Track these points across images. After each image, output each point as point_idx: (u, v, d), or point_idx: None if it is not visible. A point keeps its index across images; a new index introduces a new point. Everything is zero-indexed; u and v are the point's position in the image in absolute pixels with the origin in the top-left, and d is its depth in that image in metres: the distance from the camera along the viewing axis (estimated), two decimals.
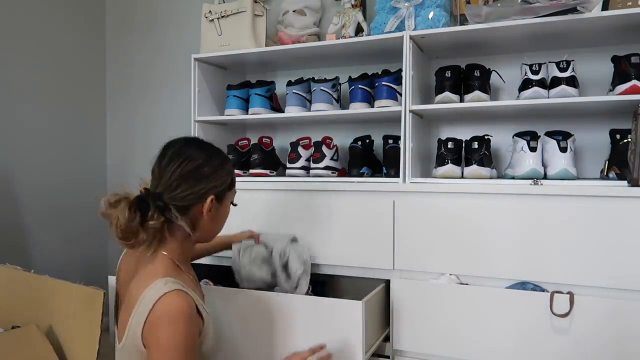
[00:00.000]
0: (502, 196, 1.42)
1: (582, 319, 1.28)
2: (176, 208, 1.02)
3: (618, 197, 1.30)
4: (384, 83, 1.70)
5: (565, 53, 1.56)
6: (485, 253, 1.43)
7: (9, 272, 1.58)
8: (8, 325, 1.46)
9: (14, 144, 2.21)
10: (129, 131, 2.60)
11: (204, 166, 1.05)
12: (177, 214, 1.02)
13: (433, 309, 1.43)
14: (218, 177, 1.06)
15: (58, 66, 2.41)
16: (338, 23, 1.85)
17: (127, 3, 2.62)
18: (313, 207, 1.63)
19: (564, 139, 1.49)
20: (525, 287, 1.38)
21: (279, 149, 2.05)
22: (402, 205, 1.52)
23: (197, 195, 1.04)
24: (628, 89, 1.40)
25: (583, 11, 1.40)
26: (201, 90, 1.95)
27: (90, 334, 1.33)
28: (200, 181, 1.04)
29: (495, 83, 1.74)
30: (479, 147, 1.58)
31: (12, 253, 2.14)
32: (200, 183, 1.04)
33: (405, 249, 1.52)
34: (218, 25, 1.95)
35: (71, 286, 1.44)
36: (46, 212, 2.35)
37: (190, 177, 1.03)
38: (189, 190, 1.03)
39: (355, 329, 1.25)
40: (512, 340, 1.34)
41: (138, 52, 2.59)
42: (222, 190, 1.08)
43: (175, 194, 1.02)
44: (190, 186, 1.03)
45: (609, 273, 1.30)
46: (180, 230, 1.05)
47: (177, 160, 1.03)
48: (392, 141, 1.78)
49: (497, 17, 1.48)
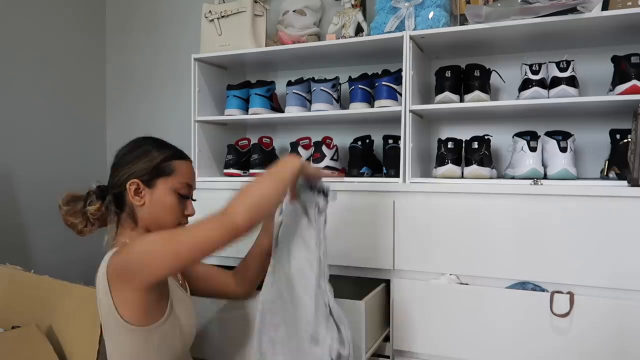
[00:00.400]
0: (502, 196, 1.42)
1: (582, 318, 1.28)
2: (112, 196, 1.13)
3: (618, 197, 1.30)
4: (384, 83, 1.70)
5: (565, 53, 1.56)
6: (485, 253, 1.43)
7: (9, 272, 1.59)
8: (8, 325, 1.47)
9: (14, 144, 2.21)
10: (129, 131, 2.56)
11: (126, 154, 1.15)
12: (112, 200, 1.13)
13: (433, 309, 1.43)
14: (138, 163, 1.12)
15: (58, 66, 2.41)
16: (338, 23, 1.85)
17: (127, 3, 2.62)
18: None
19: (564, 139, 1.49)
20: (525, 287, 1.38)
21: (279, 149, 2.05)
22: (402, 205, 1.52)
23: (120, 181, 1.12)
24: (628, 89, 1.40)
25: (583, 11, 1.40)
26: (201, 90, 1.95)
27: (90, 334, 1.34)
28: (123, 167, 1.13)
29: (495, 83, 1.74)
30: (479, 147, 1.58)
31: (12, 253, 2.14)
32: (122, 169, 1.13)
33: (405, 249, 1.51)
34: (218, 25, 1.95)
35: (71, 286, 1.45)
36: (46, 212, 2.35)
37: (116, 164, 1.15)
38: (115, 178, 1.13)
39: (356, 329, 1.25)
40: (512, 340, 1.34)
41: (138, 52, 2.59)
42: (147, 174, 1.12)
43: (110, 182, 1.14)
44: (115, 173, 1.14)
45: (609, 273, 1.30)
46: (127, 219, 1.13)
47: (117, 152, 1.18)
48: (392, 141, 1.78)
49: (497, 17, 1.48)
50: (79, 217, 1.13)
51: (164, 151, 1.15)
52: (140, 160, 1.12)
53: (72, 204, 1.13)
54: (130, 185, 1.10)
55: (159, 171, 1.12)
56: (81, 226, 1.13)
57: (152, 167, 1.12)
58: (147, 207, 1.12)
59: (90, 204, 1.13)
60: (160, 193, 1.12)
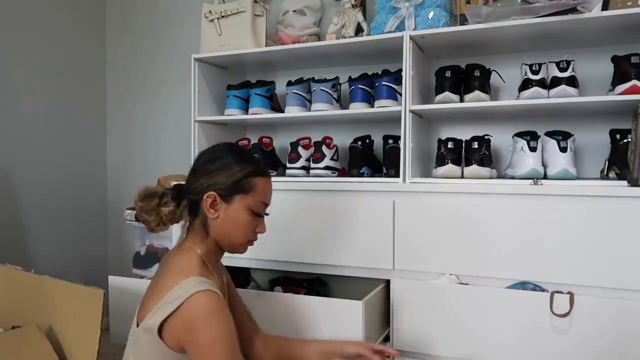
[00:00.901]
0: (502, 196, 1.42)
1: (582, 319, 1.28)
2: (188, 202, 1.10)
3: (618, 197, 1.30)
4: (384, 83, 1.70)
5: (565, 53, 1.56)
6: (485, 253, 1.43)
7: (9, 272, 1.59)
8: (8, 325, 1.46)
9: (14, 145, 2.21)
10: (129, 131, 2.59)
11: (207, 162, 1.10)
12: (187, 205, 1.09)
13: (433, 309, 1.43)
14: (221, 175, 1.08)
15: (58, 67, 2.41)
16: (338, 23, 1.85)
17: (127, 3, 2.62)
18: (313, 207, 1.63)
19: (564, 139, 1.49)
20: (525, 287, 1.38)
21: (279, 149, 2.05)
22: (402, 205, 1.52)
23: (198, 189, 1.08)
24: (628, 89, 1.40)
25: (583, 11, 1.40)
26: (201, 90, 1.95)
27: (90, 334, 1.33)
28: (202, 176, 1.08)
29: (495, 83, 1.74)
30: (479, 147, 1.58)
31: (12, 253, 2.14)
32: (201, 177, 1.08)
33: (405, 249, 1.52)
34: (218, 25, 1.95)
35: (71, 286, 1.44)
36: (46, 212, 2.35)
37: (197, 170, 1.10)
38: (194, 183, 1.09)
39: (356, 329, 1.25)
40: (512, 340, 1.34)
41: (138, 53, 2.59)
42: (225, 189, 1.07)
43: (188, 186, 1.10)
44: (196, 179, 1.09)
45: (609, 273, 1.30)
46: (199, 227, 1.09)
47: (198, 156, 1.13)
48: (392, 141, 1.78)
49: (497, 17, 1.48)
50: (152, 215, 1.09)
51: (246, 167, 1.10)
52: (221, 172, 1.08)
53: (147, 200, 1.09)
54: (207, 198, 1.07)
55: (238, 188, 1.08)
56: (154, 224, 1.10)
57: (231, 183, 1.08)
58: (220, 221, 1.08)
59: (164, 204, 1.09)
60: (236, 209, 1.08)
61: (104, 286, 1.35)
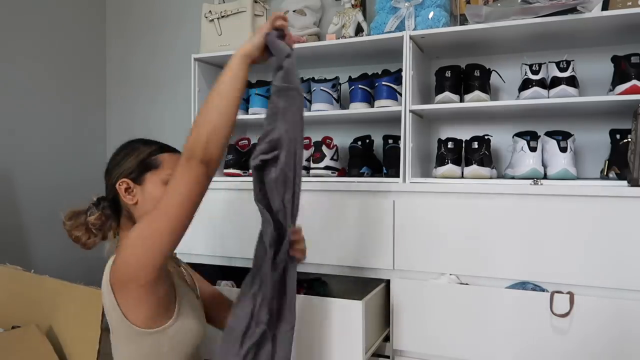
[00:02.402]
0: (502, 196, 1.42)
1: (582, 319, 1.28)
2: (107, 202, 1.12)
3: (618, 197, 1.30)
4: (384, 83, 1.70)
5: (565, 53, 1.56)
6: (485, 253, 1.43)
7: (9, 272, 1.59)
8: (8, 325, 1.47)
9: (14, 145, 2.21)
10: (129, 131, 2.58)
11: (115, 156, 1.13)
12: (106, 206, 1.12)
13: (433, 309, 1.43)
14: (126, 161, 1.11)
15: (58, 67, 2.41)
16: (338, 23, 1.85)
17: (127, 3, 2.62)
18: (313, 207, 1.63)
19: (564, 139, 1.49)
20: (525, 287, 1.38)
21: None
22: (402, 205, 1.52)
23: (112, 182, 1.10)
24: (628, 89, 1.40)
25: (583, 11, 1.40)
26: (201, 90, 1.95)
27: (90, 334, 1.34)
28: (112, 170, 1.12)
29: (495, 83, 1.74)
30: (479, 147, 1.58)
31: (12, 253, 2.14)
32: (112, 172, 1.11)
33: (405, 249, 1.51)
34: (218, 25, 1.96)
35: (71, 286, 1.45)
36: (46, 212, 2.35)
37: (107, 170, 1.13)
38: (107, 183, 1.12)
39: (355, 329, 1.25)
40: (512, 340, 1.34)
41: (138, 53, 2.59)
42: (134, 172, 1.09)
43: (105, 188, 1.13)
44: (107, 178, 1.12)
45: (609, 273, 1.30)
46: (126, 222, 1.11)
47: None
48: (392, 141, 1.78)
49: (497, 17, 1.48)
50: (81, 230, 1.11)
51: (150, 145, 1.13)
52: (127, 158, 1.11)
53: (74, 219, 1.12)
54: (120, 185, 1.08)
55: (146, 166, 1.10)
56: (85, 238, 1.11)
57: (138, 163, 1.10)
58: (140, 205, 1.08)
59: (90, 215, 1.12)
60: (151, 187, 1.09)
61: None
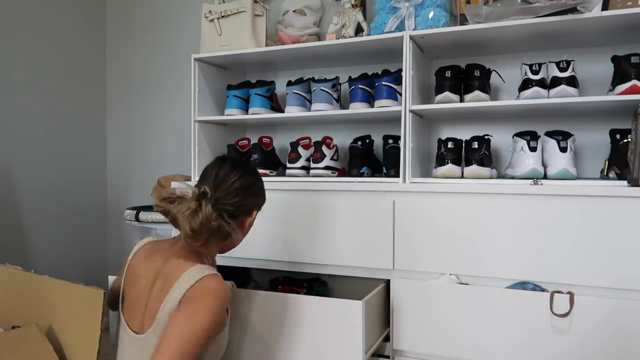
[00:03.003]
0: (502, 196, 1.42)
1: (582, 318, 1.28)
2: (227, 213, 1.11)
3: (618, 197, 1.30)
4: (384, 83, 1.70)
5: (565, 53, 1.56)
6: (485, 253, 1.43)
7: (9, 272, 1.58)
8: (8, 325, 1.46)
9: (14, 145, 2.21)
10: (129, 131, 2.60)
11: (257, 183, 1.21)
12: (228, 220, 1.11)
13: (433, 309, 1.43)
14: (262, 196, 1.23)
15: (58, 67, 2.42)
16: (338, 23, 1.85)
17: (127, 3, 2.62)
18: (313, 207, 1.63)
19: (564, 139, 1.49)
20: (525, 287, 1.38)
21: (279, 149, 2.05)
22: (402, 205, 1.52)
23: (247, 207, 1.17)
24: (628, 89, 1.40)
25: (583, 11, 1.40)
26: (201, 90, 1.95)
27: (90, 334, 1.33)
28: (254, 196, 1.18)
29: (495, 83, 1.74)
30: (479, 147, 1.58)
31: (12, 253, 2.14)
32: (253, 197, 1.18)
33: (405, 249, 1.52)
34: (218, 25, 1.95)
35: (71, 286, 1.44)
36: (46, 212, 2.35)
37: (247, 190, 1.15)
38: (243, 201, 1.15)
39: (355, 329, 1.25)
40: (512, 340, 1.34)
41: (138, 53, 2.59)
42: (260, 207, 1.22)
43: (232, 201, 1.12)
44: (245, 198, 1.15)
45: (609, 273, 1.30)
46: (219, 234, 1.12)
47: (238, 172, 1.15)
48: (392, 141, 1.78)
49: (497, 17, 1.48)
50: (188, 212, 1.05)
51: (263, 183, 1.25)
52: (262, 190, 1.23)
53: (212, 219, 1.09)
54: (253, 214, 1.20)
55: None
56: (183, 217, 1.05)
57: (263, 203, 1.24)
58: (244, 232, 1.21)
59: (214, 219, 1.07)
60: (253, 219, 1.22)
61: (104, 286, 1.34)
